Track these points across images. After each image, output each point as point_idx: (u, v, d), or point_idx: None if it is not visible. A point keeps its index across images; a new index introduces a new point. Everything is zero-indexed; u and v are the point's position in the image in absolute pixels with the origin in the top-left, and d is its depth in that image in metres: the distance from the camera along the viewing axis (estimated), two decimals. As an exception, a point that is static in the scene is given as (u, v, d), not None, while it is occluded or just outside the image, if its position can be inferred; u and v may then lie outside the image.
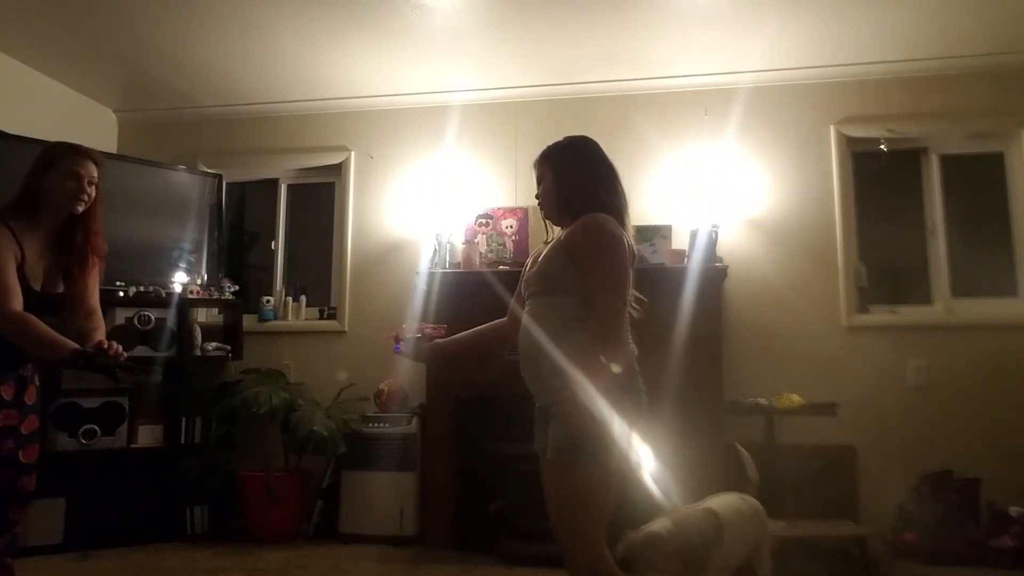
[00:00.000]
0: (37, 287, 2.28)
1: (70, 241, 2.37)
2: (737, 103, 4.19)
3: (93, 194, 2.36)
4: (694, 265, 3.78)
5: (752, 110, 4.20)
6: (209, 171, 4.68)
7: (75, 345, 2.14)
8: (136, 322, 4.03)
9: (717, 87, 4.25)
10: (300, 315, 4.66)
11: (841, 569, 3.31)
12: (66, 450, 3.74)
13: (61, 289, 2.37)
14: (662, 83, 4.30)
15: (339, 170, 4.72)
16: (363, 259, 4.58)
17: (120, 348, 2.15)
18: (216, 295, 4.39)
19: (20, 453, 2.28)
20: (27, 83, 4.21)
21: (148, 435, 4.00)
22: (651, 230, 3.98)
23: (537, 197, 2.06)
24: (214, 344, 4.32)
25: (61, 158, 2.32)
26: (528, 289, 1.98)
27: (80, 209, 2.33)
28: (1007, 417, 3.78)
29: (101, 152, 2.52)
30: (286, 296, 4.70)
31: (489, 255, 4.23)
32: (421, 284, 4.10)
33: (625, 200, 1.99)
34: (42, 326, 2.19)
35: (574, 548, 1.79)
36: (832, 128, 4.17)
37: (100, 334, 2.34)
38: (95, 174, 2.36)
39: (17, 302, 2.17)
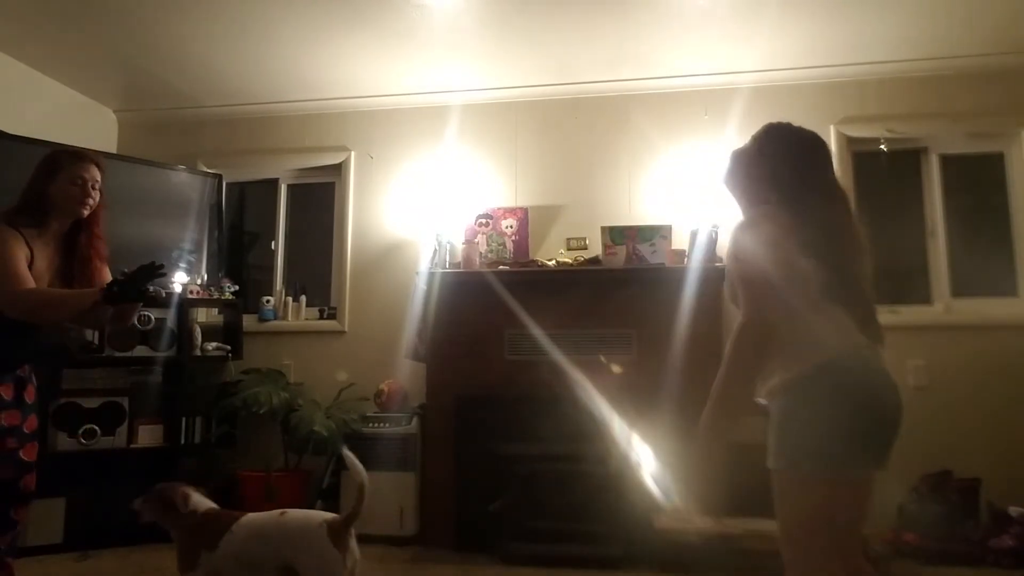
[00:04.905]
0: None
1: (73, 245, 2.39)
2: (737, 103, 4.20)
3: (97, 198, 2.39)
4: (694, 265, 3.76)
5: (752, 110, 4.19)
6: (209, 171, 4.68)
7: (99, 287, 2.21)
8: (136, 322, 4.02)
9: (717, 87, 4.25)
10: (300, 315, 4.66)
11: (841, 569, 3.31)
12: (66, 450, 3.74)
13: None
14: (662, 83, 4.31)
15: (339, 170, 4.72)
16: (363, 259, 4.58)
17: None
18: (216, 295, 4.39)
19: (21, 452, 2.31)
20: (27, 83, 4.20)
21: (148, 435, 3.99)
22: (651, 230, 3.97)
23: None
24: (214, 344, 4.32)
25: (64, 163, 2.35)
26: None
27: (86, 212, 2.36)
28: (1007, 417, 3.79)
29: (101, 152, 2.54)
30: (286, 296, 4.70)
31: (489, 255, 4.23)
32: (421, 284, 4.10)
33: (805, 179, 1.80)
34: (60, 289, 2.25)
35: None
36: (832, 128, 4.16)
37: None
38: (98, 177, 2.39)
39: (30, 284, 2.18)
